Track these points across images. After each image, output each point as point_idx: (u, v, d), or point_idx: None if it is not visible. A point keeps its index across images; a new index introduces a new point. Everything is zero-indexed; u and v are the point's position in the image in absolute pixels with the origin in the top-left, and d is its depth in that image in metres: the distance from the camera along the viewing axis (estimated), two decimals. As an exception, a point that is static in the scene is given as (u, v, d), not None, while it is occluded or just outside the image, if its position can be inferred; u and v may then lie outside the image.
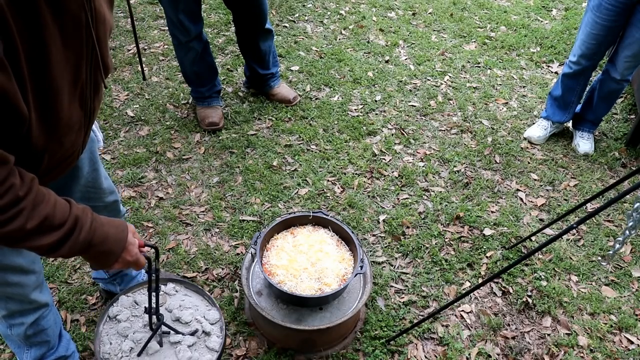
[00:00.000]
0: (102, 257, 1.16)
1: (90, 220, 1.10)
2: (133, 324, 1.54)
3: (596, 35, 2.60)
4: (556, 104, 3.00)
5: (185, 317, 1.58)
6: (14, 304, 1.47)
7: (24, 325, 1.54)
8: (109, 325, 1.53)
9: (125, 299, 1.60)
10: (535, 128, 3.06)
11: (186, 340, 1.53)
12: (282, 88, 3.21)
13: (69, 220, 1.06)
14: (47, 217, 1.01)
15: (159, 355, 1.48)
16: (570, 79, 2.88)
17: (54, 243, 1.04)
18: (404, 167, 2.83)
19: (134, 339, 1.51)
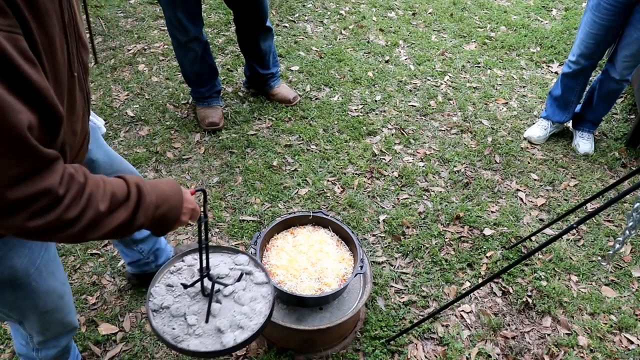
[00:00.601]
0: (168, 215, 1.14)
1: (147, 184, 1.09)
2: (181, 303, 1.55)
3: (595, 35, 2.60)
4: (556, 104, 3.00)
5: (222, 272, 1.62)
6: (51, 330, 1.46)
7: (56, 348, 1.55)
8: (160, 317, 1.52)
9: (158, 289, 1.62)
10: (535, 128, 3.07)
11: (238, 287, 1.57)
12: (282, 88, 3.21)
13: (131, 190, 1.04)
14: (112, 194, 1.00)
15: (223, 311, 1.52)
16: (569, 78, 2.88)
17: (129, 217, 1.02)
18: (404, 167, 2.83)
19: (193, 312, 1.53)
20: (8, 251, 1.16)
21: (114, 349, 1.97)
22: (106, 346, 1.99)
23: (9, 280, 1.21)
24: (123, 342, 2.00)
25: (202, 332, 1.48)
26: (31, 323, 1.40)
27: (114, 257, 2.29)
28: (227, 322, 1.49)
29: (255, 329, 1.47)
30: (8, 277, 1.20)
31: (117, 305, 2.12)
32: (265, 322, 1.48)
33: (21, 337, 1.53)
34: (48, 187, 0.88)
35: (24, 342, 1.54)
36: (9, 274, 1.19)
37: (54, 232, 0.92)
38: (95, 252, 2.31)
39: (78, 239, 0.97)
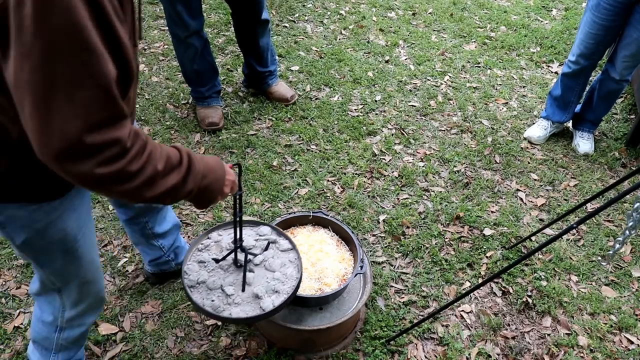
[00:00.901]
0: (213, 185, 1.18)
1: (195, 155, 1.13)
2: (216, 276, 1.63)
3: (595, 35, 2.60)
4: (556, 104, 3.00)
5: (249, 243, 1.69)
6: (85, 303, 1.49)
7: (81, 328, 1.57)
8: (197, 292, 1.60)
9: (190, 266, 1.68)
10: (535, 128, 3.07)
11: (267, 256, 1.67)
12: (280, 86, 3.21)
13: (183, 157, 1.09)
14: (168, 157, 1.04)
15: (257, 279, 1.62)
16: (569, 78, 2.88)
17: (180, 181, 1.07)
18: (404, 167, 2.83)
19: (229, 283, 1.60)
20: (61, 213, 1.21)
21: (114, 349, 1.97)
22: (106, 346, 1.99)
23: (60, 242, 1.26)
24: (123, 342, 2.00)
25: (241, 300, 1.56)
26: (70, 292, 1.43)
27: (113, 257, 2.29)
28: (263, 288, 1.59)
29: (289, 291, 1.57)
30: (59, 239, 1.25)
31: (117, 305, 2.12)
32: (297, 285, 1.58)
33: (50, 313, 1.52)
34: (119, 137, 0.92)
35: (50, 319, 1.53)
36: (61, 236, 1.25)
37: (116, 183, 0.96)
38: (95, 252, 2.31)
39: (134, 195, 1.00)
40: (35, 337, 1.62)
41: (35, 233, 1.21)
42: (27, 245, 1.24)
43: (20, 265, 2.24)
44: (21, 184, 1.11)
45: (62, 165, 0.90)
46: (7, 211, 1.16)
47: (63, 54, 0.82)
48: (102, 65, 0.86)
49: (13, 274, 2.21)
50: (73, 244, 1.30)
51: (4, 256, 2.27)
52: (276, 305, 1.54)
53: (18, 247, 1.25)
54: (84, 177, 0.93)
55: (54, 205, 1.19)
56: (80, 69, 0.85)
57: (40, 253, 1.28)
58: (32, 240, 1.23)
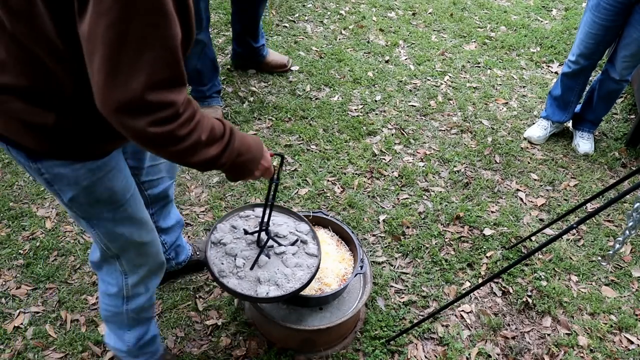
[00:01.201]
0: (247, 164, 1.23)
1: (238, 132, 1.18)
2: (237, 245, 1.70)
3: (595, 35, 2.60)
4: (556, 104, 3.00)
5: (282, 232, 1.74)
6: (145, 267, 1.51)
7: (146, 295, 1.59)
8: (215, 250, 1.68)
9: (223, 226, 1.76)
10: (535, 128, 3.06)
11: (289, 250, 1.70)
12: (273, 55, 3.34)
13: (226, 130, 1.14)
14: (212, 128, 1.09)
15: (268, 265, 1.66)
16: (569, 78, 2.88)
17: (218, 153, 1.12)
18: (404, 167, 2.83)
19: (243, 256, 1.67)
20: (107, 173, 1.25)
21: (114, 349, 1.97)
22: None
23: (108, 201, 1.29)
24: (123, 342, 2.00)
25: (244, 275, 1.63)
26: (129, 256, 1.45)
27: (114, 257, 2.29)
28: (268, 276, 1.63)
29: (288, 291, 1.58)
30: (107, 198, 1.29)
31: (117, 305, 2.12)
32: (299, 289, 1.60)
33: (113, 284, 1.53)
34: (175, 101, 0.98)
35: (115, 290, 1.54)
36: (108, 195, 1.28)
37: (164, 144, 1.02)
38: (95, 252, 2.31)
39: (178, 158, 1.08)
40: (106, 316, 1.65)
41: (81, 191, 1.24)
42: (74, 202, 1.27)
43: (20, 265, 2.24)
44: (65, 141, 1.14)
45: (120, 118, 0.96)
46: (53, 169, 1.19)
47: (138, 14, 0.87)
48: (172, 28, 0.91)
49: (13, 274, 2.21)
50: (122, 202, 1.32)
51: (4, 256, 2.27)
52: (268, 296, 1.57)
53: (66, 204, 1.28)
54: (137, 133, 0.99)
55: (98, 164, 1.22)
56: (152, 30, 0.89)
57: (89, 212, 1.31)
58: (78, 198, 1.26)
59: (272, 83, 3.37)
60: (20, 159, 1.19)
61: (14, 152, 1.18)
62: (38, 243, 2.32)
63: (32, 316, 2.07)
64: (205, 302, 2.15)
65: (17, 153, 1.18)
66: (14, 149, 1.17)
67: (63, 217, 2.45)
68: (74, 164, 1.19)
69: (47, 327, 2.02)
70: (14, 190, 2.57)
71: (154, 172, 1.66)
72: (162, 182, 1.72)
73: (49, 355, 1.94)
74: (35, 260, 2.25)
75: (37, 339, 1.99)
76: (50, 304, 2.11)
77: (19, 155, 1.18)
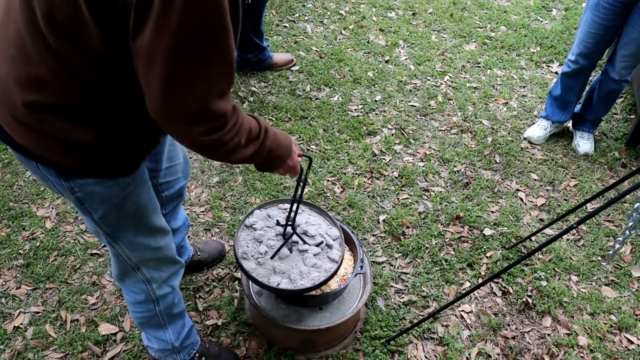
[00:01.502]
0: (274, 161, 1.28)
1: (271, 130, 1.24)
2: (267, 233, 1.77)
3: (595, 35, 2.60)
4: (556, 104, 3.00)
5: (311, 231, 1.78)
6: (164, 269, 1.53)
7: (175, 290, 1.61)
8: (245, 233, 1.77)
9: (259, 212, 1.84)
10: (535, 128, 3.06)
11: (312, 250, 1.74)
12: (279, 55, 3.43)
13: (261, 130, 1.19)
14: (250, 130, 1.14)
15: (288, 259, 1.72)
16: (569, 78, 2.88)
17: (253, 152, 1.18)
18: (404, 167, 2.83)
19: (268, 245, 1.74)
20: (135, 187, 1.26)
21: (114, 349, 1.97)
22: (106, 346, 1.99)
23: (134, 215, 1.31)
24: (123, 342, 2.00)
25: (263, 262, 1.70)
26: (149, 264, 1.47)
27: (114, 257, 2.29)
28: (284, 268, 1.69)
29: (298, 287, 1.63)
30: (133, 212, 1.30)
31: (117, 305, 2.12)
32: (309, 288, 1.64)
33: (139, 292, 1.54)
34: (227, 110, 1.04)
35: (143, 298, 1.55)
36: (135, 209, 1.30)
37: (212, 149, 1.09)
38: (95, 252, 2.31)
39: (219, 158, 1.14)
40: (141, 323, 1.66)
41: (112, 208, 1.25)
42: (104, 219, 1.28)
43: (20, 265, 2.24)
44: (101, 158, 1.15)
45: (176, 126, 1.02)
46: (86, 187, 1.19)
47: (203, 30, 0.89)
48: (231, 42, 0.95)
49: (13, 274, 2.21)
50: (144, 216, 1.35)
51: (4, 256, 2.27)
52: (278, 287, 1.63)
53: (96, 222, 1.29)
54: (190, 140, 1.05)
55: (127, 181, 1.23)
56: (215, 45, 0.93)
57: (116, 227, 1.32)
58: (109, 215, 1.27)
59: (272, 83, 3.37)
60: (51, 177, 1.18)
61: (44, 170, 1.17)
62: (38, 243, 2.32)
63: (32, 316, 2.07)
64: (205, 302, 2.15)
65: (47, 171, 1.17)
66: (45, 167, 1.16)
67: (63, 217, 2.45)
68: (106, 181, 1.20)
69: (47, 327, 2.03)
70: (14, 190, 2.57)
71: (170, 173, 1.67)
72: (177, 182, 1.73)
73: (49, 355, 1.94)
74: (35, 260, 2.25)
75: (37, 339, 1.99)
76: (50, 304, 2.11)
77: (49, 173, 1.17)
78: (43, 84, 1.02)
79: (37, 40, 0.97)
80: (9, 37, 1.00)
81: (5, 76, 1.03)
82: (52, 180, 1.19)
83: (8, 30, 1.00)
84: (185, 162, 1.72)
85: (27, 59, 1.00)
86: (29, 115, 1.05)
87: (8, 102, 1.05)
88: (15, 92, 1.03)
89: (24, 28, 0.97)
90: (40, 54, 0.99)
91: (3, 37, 1.01)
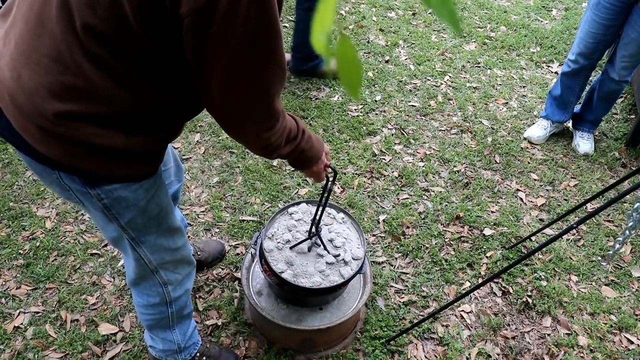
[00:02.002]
0: (304, 161, 1.38)
1: (307, 133, 1.33)
2: (300, 226, 1.86)
3: (595, 34, 2.60)
4: (555, 104, 3.00)
5: (336, 242, 1.83)
6: (180, 270, 1.54)
7: (188, 291, 1.62)
8: (283, 218, 1.88)
9: (305, 206, 1.92)
10: (535, 128, 3.06)
11: (327, 258, 1.78)
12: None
13: (299, 132, 1.29)
14: (290, 131, 1.24)
15: (303, 257, 1.79)
16: (569, 78, 2.88)
17: (290, 151, 1.28)
18: (404, 167, 2.83)
19: (294, 236, 1.82)
20: (157, 189, 1.29)
21: (114, 349, 1.97)
22: (106, 346, 1.99)
23: (157, 216, 1.33)
24: (123, 342, 2.00)
25: (281, 248, 1.80)
26: (167, 265, 1.48)
27: (113, 257, 2.29)
28: (295, 262, 1.76)
29: (301, 285, 1.69)
30: (157, 213, 1.32)
31: (117, 305, 2.12)
32: (303, 288, 1.69)
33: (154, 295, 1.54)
34: (280, 110, 1.15)
35: (157, 300, 1.55)
36: (158, 210, 1.32)
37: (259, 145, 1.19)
38: (95, 252, 2.31)
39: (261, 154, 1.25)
40: (150, 325, 1.65)
41: (138, 211, 1.27)
42: (130, 223, 1.29)
43: (20, 265, 2.24)
44: (130, 162, 1.17)
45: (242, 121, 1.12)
46: (113, 193, 1.20)
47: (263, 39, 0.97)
48: (282, 47, 1.02)
49: (13, 274, 2.21)
50: (165, 217, 1.37)
51: (4, 256, 2.27)
52: (285, 279, 1.70)
53: (122, 227, 1.29)
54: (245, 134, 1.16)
55: (150, 183, 1.26)
56: (271, 53, 1.00)
57: (141, 230, 1.33)
58: (136, 219, 1.28)
59: (272, 83, 3.37)
60: (75, 186, 1.18)
61: (66, 179, 1.17)
62: (38, 243, 2.32)
63: (32, 316, 2.07)
64: (205, 302, 2.15)
65: (70, 180, 1.17)
66: (68, 177, 1.16)
67: (63, 217, 2.45)
68: (132, 184, 1.21)
69: (47, 327, 2.03)
70: (14, 190, 2.57)
71: (165, 176, 1.67)
72: (171, 185, 1.73)
73: (49, 355, 1.94)
74: (35, 260, 2.25)
75: (37, 339, 1.99)
76: (50, 304, 2.11)
77: (72, 182, 1.17)
78: (79, 92, 1.02)
79: (75, 49, 0.98)
80: (43, 49, 1.01)
81: (34, 87, 1.03)
82: (75, 189, 1.19)
83: (41, 41, 1.01)
84: (177, 167, 1.73)
85: (63, 68, 1.00)
86: (60, 124, 1.05)
87: (34, 113, 1.05)
88: (47, 102, 1.03)
89: (61, 37, 0.98)
90: (76, 63, 0.99)
91: (35, 48, 1.02)
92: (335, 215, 1.95)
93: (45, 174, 1.18)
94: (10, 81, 1.05)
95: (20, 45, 1.04)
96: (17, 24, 1.05)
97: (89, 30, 0.96)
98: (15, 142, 1.13)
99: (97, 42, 0.97)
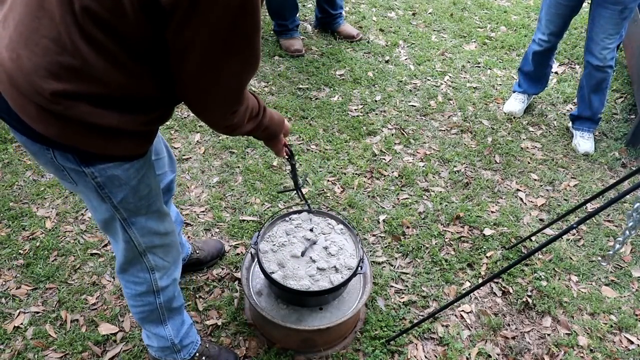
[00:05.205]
0: (269, 136, 1.48)
1: (267, 110, 1.40)
2: (297, 232, 1.93)
3: (562, 15, 2.86)
4: (528, 78, 3.19)
5: (331, 250, 1.87)
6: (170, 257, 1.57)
7: (175, 282, 1.63)
8: (284, 223, 1.97)
9: (306, 215, 1.99)
10: (514, 102, 3.24)
11: (320, 264, 1.82)
12: (346, 26, 3.83)
13: (260, 110, 1.35)
14: (252, 109, 1.30)
15: (295, 260, 1.84)
16: (541, 55, 3.07)
17: (253, 128, 1.35)
18: (404, 167, 2.82)
19: (291, 241, 1.89)
20: (147, 171, 1.33)
21: (114, 349, 1.97)
22: (106, 346, 1.99)
23: (147, 196, 1.37)
24: (123, 342, 2.00)
25: (276, 250, 1.86)
26: (155, 250, 1.51)
27: (113, 257, 2.29)
28: (287, 264, 1.81)
29: (283, 282, 1.74)
30: (147, 193, 1.36)
31: (117, 305, 2.12)
32: (289, 288, 1.73)
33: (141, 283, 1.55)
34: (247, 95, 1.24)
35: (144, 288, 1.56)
36: (148, 191, 1.36)
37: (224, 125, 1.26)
38: (95, 252, 2.31)
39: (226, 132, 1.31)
40: (141, 317, 1.66)
41: (130, 190, 1.30)
42: (123, 202, 1.32)
43: (20, 265, 2.24)
44: (124, 141, 1.20)
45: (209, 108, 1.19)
46: (106, 171, 1.23)
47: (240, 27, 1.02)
48: (259, 40, 1.08)
49: (13, 274, 2.21)
50: (155, 198, 1.41)
51: (4, 256, 2.27)
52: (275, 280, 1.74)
53: (114, 206, 1.33)
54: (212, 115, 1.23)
55: (141, 163, 1.29)
56: (248, 44, 1.06)
57: (132, 210, 1.36)
58: (128, 198, 1.32)
59: (272, 83, 3.37)
60: (69, 165, 1.21)
61: (61, 158, 1.20)
62: (38, 243, 2.32)
63: (32, 316, 2.07)
64: (205, 302, 2.15)
65: (64, 159, 1.20)
66: (62, 156, 1.19)
67: (63, 217, 2.45)
68: (124, 164, 1.24)
69: (47, 327, 2.03)
70: (14, 190, 2.57)
71: (158, 166, 1.69)
72: (165, 176, 1.76)
73: (49, 355, 1.94)
74: (35, 260, 2.25)
75: (37, 339, 1.99)
76: (50, 304, 2.11)
77: (66, 161, 1.20)
78: (76, 72, 1.06)
79: (73, 31, 1.02)
80: (42, 30, 1.04)
81: (32, 67, 1.06)
82: (69, 168, 1.22)
83: (41, 23, 1.04)
84: (169, 158, 1.76)
85: (61, 49, 1.04)
86: (57, 103, 1.08)
87: (32, 92, 1.08)
88: (45, 81, 1.06)
89: (60, 20, 1.01)
90: (74, 44, 1.03)
91: (35, 30, 1.05)
92: (334, 225, 1.98)
93: (40, 154, 1.21)
94: (9, 62, 1.08)
95: (20, 28, 1.06)
96: (17, 8, 1.07)
97: (88, 13, 0.99)
98: (12, 122, 1.16)
99: (94, 24, 1.01)
